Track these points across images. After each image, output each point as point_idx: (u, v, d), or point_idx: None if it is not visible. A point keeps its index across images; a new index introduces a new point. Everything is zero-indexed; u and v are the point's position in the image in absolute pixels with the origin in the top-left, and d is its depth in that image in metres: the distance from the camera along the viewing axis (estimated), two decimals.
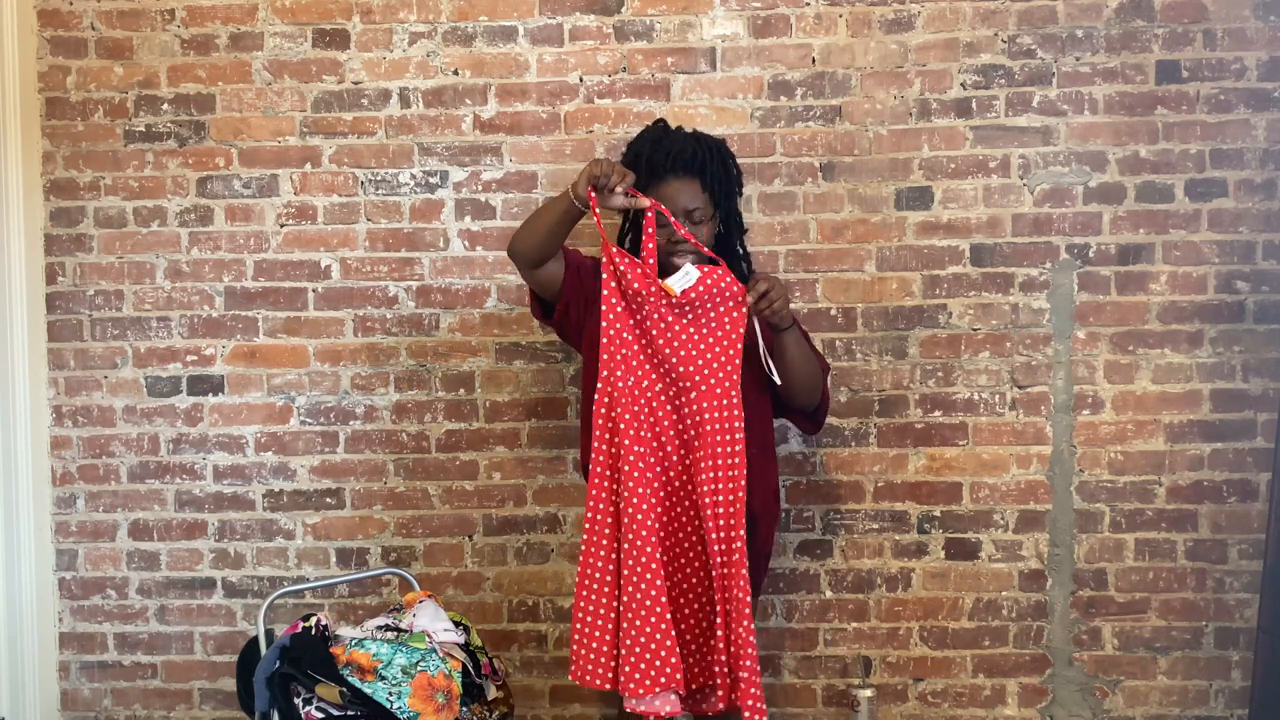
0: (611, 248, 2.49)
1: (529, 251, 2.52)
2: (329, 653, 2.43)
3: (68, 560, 3.21)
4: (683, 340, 2.49)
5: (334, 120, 3.13)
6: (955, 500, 3.08)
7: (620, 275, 2.48)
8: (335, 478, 3.17)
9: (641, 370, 2.49)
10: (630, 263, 2.49)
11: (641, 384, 2.48)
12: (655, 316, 2.49)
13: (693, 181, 2.59)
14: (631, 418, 2.46)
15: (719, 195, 2.64)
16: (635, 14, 3.07)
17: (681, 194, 2.57)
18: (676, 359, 2.48)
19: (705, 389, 2.48)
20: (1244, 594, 3.04)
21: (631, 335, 2.49)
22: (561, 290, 2.59)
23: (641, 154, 2.61)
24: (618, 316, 2.48)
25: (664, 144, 2.61)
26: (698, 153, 2.61)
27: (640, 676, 2.37)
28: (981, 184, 3.05)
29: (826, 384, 2.72)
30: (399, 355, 3.15)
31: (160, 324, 3.17)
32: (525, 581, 3.15)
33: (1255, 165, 3.01)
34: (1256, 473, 3.03)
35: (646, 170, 2.58)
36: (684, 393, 2.49)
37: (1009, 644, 3.09)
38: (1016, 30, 3.03)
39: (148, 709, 3.22)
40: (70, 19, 3.15)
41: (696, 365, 2.49)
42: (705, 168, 2.61)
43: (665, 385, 2.50)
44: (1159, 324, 3.04)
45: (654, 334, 2.49)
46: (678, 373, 2.49)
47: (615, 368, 2.47)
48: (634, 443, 2.44)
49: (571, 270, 2.60)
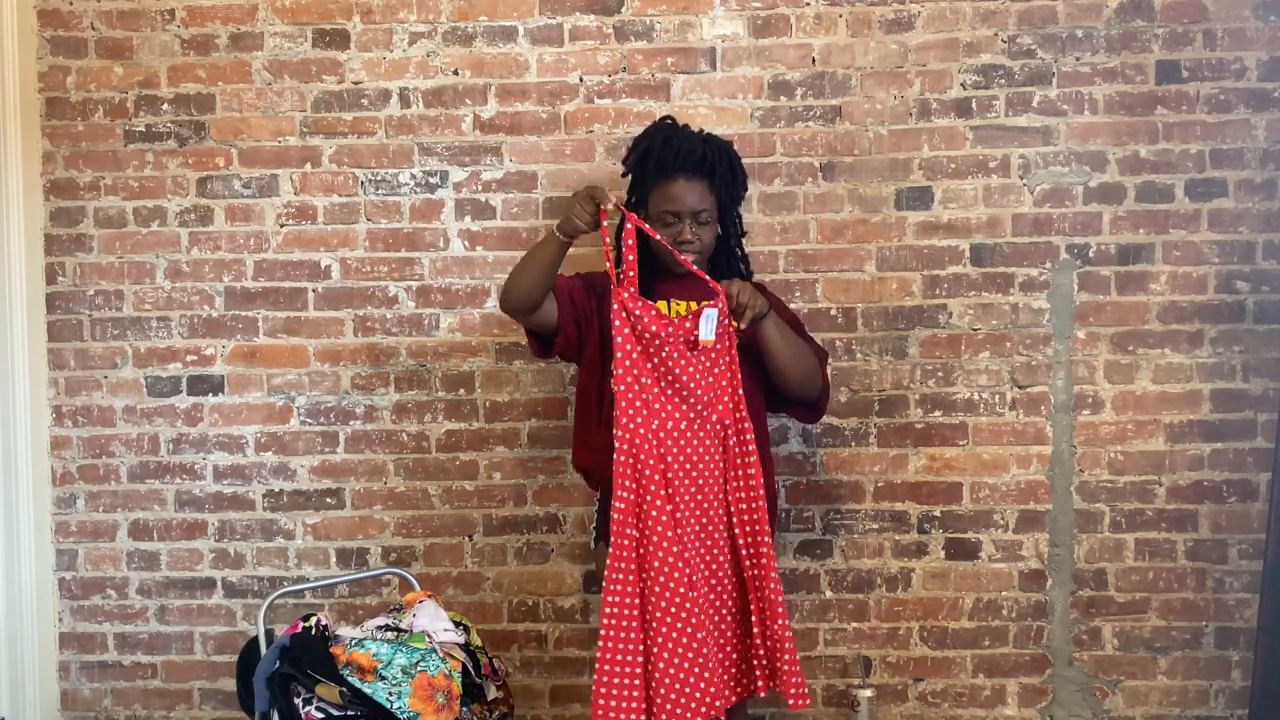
0: (623, 293, 2.46)
1: (530, 296, 2.52)
2: (329, 653, 2.43)
3: (68, 560, 3.21)
4: (695, 363, 2.49)
5: (334, 120, 3.13)
6: (955, 500, 3.08)
7: (635, 321, 2.45)
8: (335, 478, 3.17)
9: (665, 411, 2.47)
10: (644, 306, 2.46)
11: (665, 425, 2.46)
12: (673, 352, 2.47)
13: (701, 182, 2.59)
14: (657, 461, 2.43)
15: (725, 198, 2.65)
16: (635, 14, 3.07)
17: (689, 194, 2.58)
18: (694, 384, 2.48)
19: (721, 408, 2.50)
20: (1244, 594, 3.04)
21: (650, 379, 2.46)
22: (560, 319, 2.59)
23: (651, 150, 2.61)
24: (634, 363, 2.45)
25: (674, 142, 2.60)
26: (708, 154, 2.60)
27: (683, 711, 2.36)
28: (981, 184, 3.05)
29: (826, 373, 2.73)
30: (399, 355, 3.15)
31: (160, 324, 3.17)
32: (525, 581, 3.15)
33: (1255, 165, 3.01)
34: (1256, 473, 3.03)
35: (655, 167, 2.58)
36: (704, 419, 2.49)
37: (1009, 644, 3.09)
38: (1016, 30, 3.03)
39: (148, 709, 3.22)
40: (70, 19, 3.15)
41: (708, 385, 2.50)
42: (715, 169, 2.61)
43: (686, 416, 2.48)
44: (1159, 324, 3.04)
45: (671, 366, 2.47)
46: (696, 396, 2.49)
47: (635, 415, 2.44)
48: (658, 488, 2.42)
49: (564, 298, 2.60)
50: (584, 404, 2.71)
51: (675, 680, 2.37)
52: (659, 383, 2.47)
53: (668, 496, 2.43)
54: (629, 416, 2.43)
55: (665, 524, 2.40)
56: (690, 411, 2.48)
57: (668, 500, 2.43)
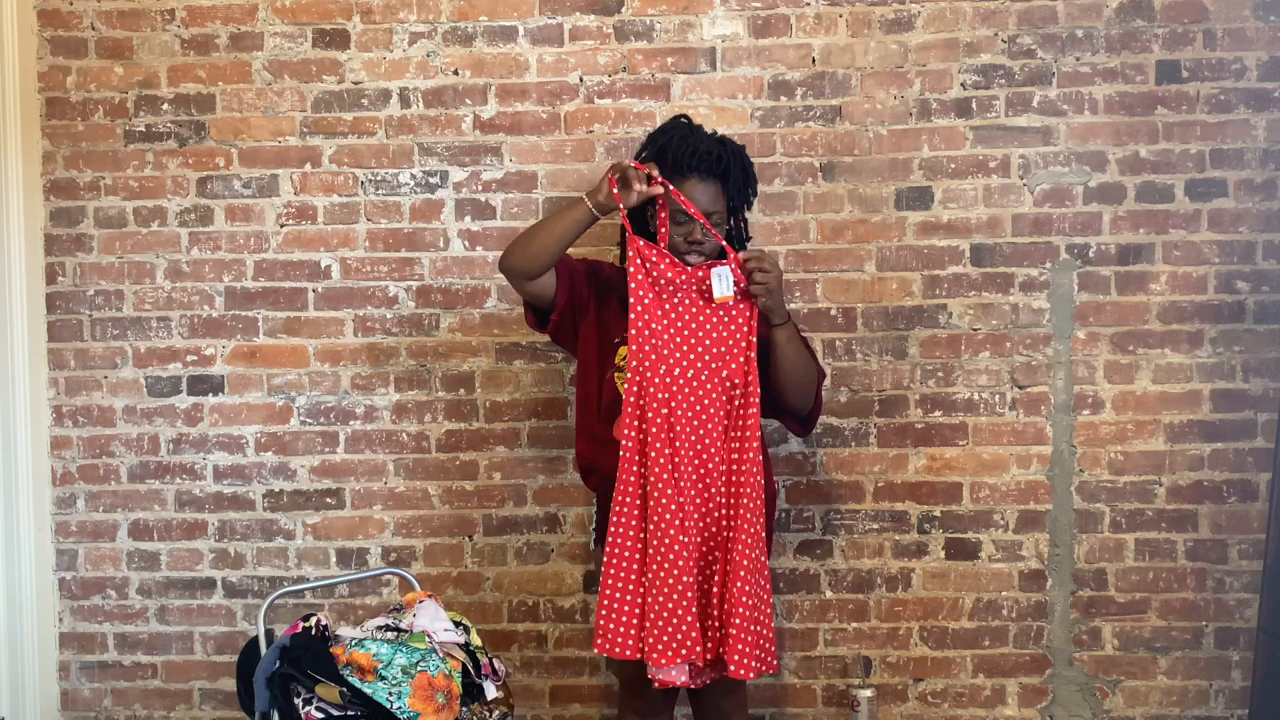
0: (639, 240, 2.54)
1: (538, 263, 2.55)
2: (329, 653, 2.43)
3: (68, 560, 3.21)
4: (711, 317, 2.56)
5: (334, 120, 3.13)
6: (955, 500, 3.08)
7: (650, 267, 2.54)
8: (335, 478, 3.17)
9: (673, 358, 2.54)
10: (659, 253, 2.55)
11: (674, 371, 2.54)
12: (687, 302, 2.56)
13: (714, 184, 2.59)
14: (660, 405, 2.51)
15: (736, 201, 2.65)
16: (635, 14, 3.07)
17: (702, 196, 2.57)
18: (707, 338, 2.55)
19: (735, 365, 2.55)
20: (1244, 594, 3.04)
21: (660, 325, 2.54)
22: (556, 298, 2.61)
23: (667, 148, 2.59)
24: (645, 308, 2.54)
25: (690, 141, 2.59)
26: (723, 156, 2.59)
27: (663, 648, 2.45)
28: (981, 184, 3.05)
29: (820, 391, 2.74)
30: (399, 355, 3.15)
31: (160, 324, 3.17)
32: (525, 581, 3.15)
33: (1255, 165, 3.01)
34: (1256, 473, 3.03)
35: (671, 166, 2.57)
36: (714, 372, 2.54)
37: (1009, 644, 3.09)
38: (1016, 30, 3.03)
39: (148, 709, 3.22)
40: (70, 19, 3.15)
41: (720, 338, 2.56)
42: (729, 172, 2.60)
43: (694, 366, 2.54)
44: (1159, 324, 3.04)
45: (683, 314, 2.55)
46: (705, 348, 2.55)
47: (645, 358, 2.52)
48: (660, 430, 2.50)
49: (564, 277, 2.62)
50: (585, 403, 2.72)
51: (662, 618, 2.45)
52: (669, 329, 2.54)
53: (668, 440, 2.50)
54: (640, 359, 2.52)
55: (664, 467, 2.48)
56: (699, 361, 2.54)
57: (667, 444, 2.50)
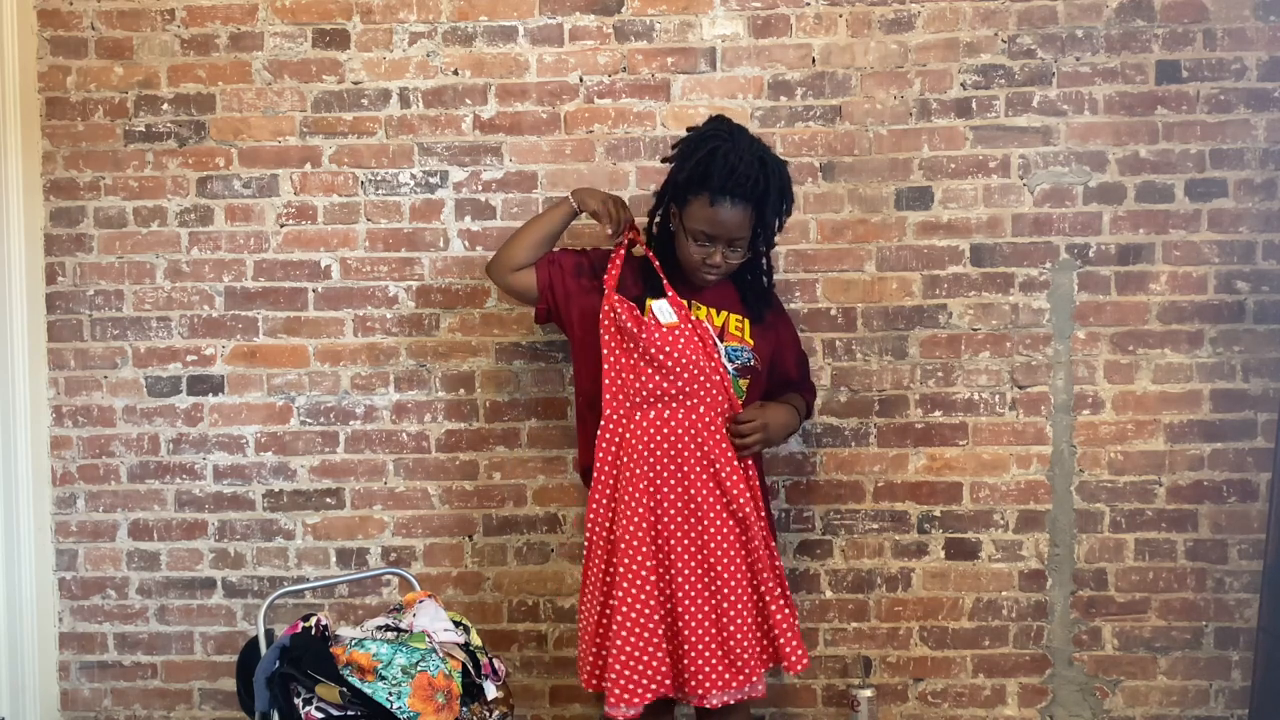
0: (614, 296, 2.59)
1: (514, 260, 2.67)
2: (329, 653, 2.43)
3: (68, 560, 3.21)
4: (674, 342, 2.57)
5: (334, 120, 3.13)
6: (955, 500, 3.08)
7: (617, 319, 2.58)
8: (335, 478, 3.17)
9: (646, 404, 2.57)
10: (627, 307, 2.59)
11: (648, 415, 2.56)
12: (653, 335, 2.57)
13: (747, 210, 2.50)
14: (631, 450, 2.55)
15: (768, 219, 2.56)
16: (635, 14, 3.07)
17: (731, 220, 2.49)
18: (679, 367, 2.56)
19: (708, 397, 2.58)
20: (1244, 594, 3.04)
21: (633, 374, 2.57)
22: (538, 285, 2.68)
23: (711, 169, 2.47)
24: (615, 355, 2.59)
25: (731, 160, 2.45)
26: (760, 181, 2.48)
27: (620, 691, 2.49)
28: (981, 184, 3.05)
29: (812, 407, 2.92)
30: (399, 355, 3.15)
31: (160, 324, 3.17)
32: (525, 581, 3.15)
33: (1255, 165, 3.01)
34: (1256, 473, 3.03)
35: (704, 181, 2.48)
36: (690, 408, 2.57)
37: (1009, 644, 3.09)
38: (1016, 30, 3.03)
39: (148, 709, 3.22)
40: (70, 19, 3.15)
41: (690, 360, 2.56)
42: (765, 197, 2.50)
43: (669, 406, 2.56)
44: (1159, 324, 3.04)
45: (655, 354, 2.56)
46: (678, 374, 2.55)
47: (618, 407, 2.58)
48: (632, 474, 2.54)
49: (543, 265, 2.68)
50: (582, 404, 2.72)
51: (620, 660, 2.49)
52: (643, 375, 2.56)
53: (645, 490, 2.53)
54: (612, 409, 2.58)
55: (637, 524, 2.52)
56: (675, 399, 2.56)
57: (645, 492, 2.53)
